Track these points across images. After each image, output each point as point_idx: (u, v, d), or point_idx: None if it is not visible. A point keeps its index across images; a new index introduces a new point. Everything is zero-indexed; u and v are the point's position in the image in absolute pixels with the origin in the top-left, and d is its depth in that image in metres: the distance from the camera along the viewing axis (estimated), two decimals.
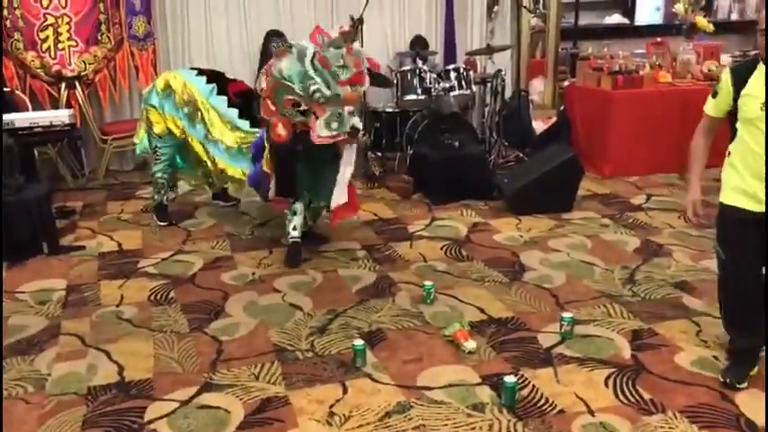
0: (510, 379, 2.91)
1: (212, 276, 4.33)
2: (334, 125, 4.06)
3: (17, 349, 3.46)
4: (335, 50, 4.02)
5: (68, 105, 6.23)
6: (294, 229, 4.50)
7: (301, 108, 4.08)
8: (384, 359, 3.27)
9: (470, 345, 3.32)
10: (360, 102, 4.17)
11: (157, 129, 5.00)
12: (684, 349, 3.29)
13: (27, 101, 6.05)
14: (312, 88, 3.97)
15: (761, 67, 2.77)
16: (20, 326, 3.70)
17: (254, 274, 4.35)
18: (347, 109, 4.08)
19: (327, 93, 3.97)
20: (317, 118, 4.06)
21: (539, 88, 8.08)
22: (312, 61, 3.99)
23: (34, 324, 3.72)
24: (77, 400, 3.01)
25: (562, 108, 7.11)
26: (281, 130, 4.16)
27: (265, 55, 6.67)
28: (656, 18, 10.01)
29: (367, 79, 4.25)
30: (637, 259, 4.43)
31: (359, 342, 3.25)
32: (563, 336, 3.42)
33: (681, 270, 4.24)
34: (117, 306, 3.93)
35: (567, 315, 3.45)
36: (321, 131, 4.06)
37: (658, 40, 6.91)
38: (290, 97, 4.07)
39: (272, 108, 4.15)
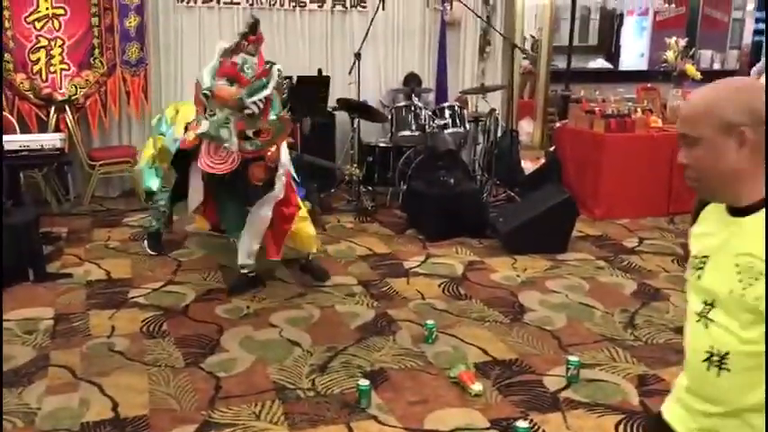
0: (522, 424, 2.85)
1: (206, 309, 4.22)
2: (204, 123, 3.86)
3: (4, 381, 3.30)
4: (231, 47, 3.91)
5: (57, 129, 6.11)
6: (243, 267, 4.44)
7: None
8: (389, 400, 3.18)
9: (477, 387, 3.25)
10: (239, 112, 3.84)
11: None
12: None
13: (15, 123, 5.93)
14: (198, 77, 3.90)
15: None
16: (6, 356, 3.54)
17: (248, 307, 4.25)
18: (224, 115, 3.84)
19: (207, 82, 3.84)
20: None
21: (527, 129, 8.17)
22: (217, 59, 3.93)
23: (21, 354, 3.58)
24: None
25: (552, 149, 7.16)
26: (190, 135, 4.05)
27: None
28: (641, 64, 10.24)
29: (262, 85, 3.91)
30: (635, 303, 4.41)
31: (364, 382, 3.16)
32: (569, 380, 3.37)
33: (679, 315, 4.22)
34: (108, 337, 3.80)
35: (573, 359, 3.41)
36: (200, 128, 3.89)
37: (648, 85, 7.01)
38: (198, 95, 3.96)
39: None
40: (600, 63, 10.78)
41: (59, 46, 6.11)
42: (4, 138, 5.36)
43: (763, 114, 1.40)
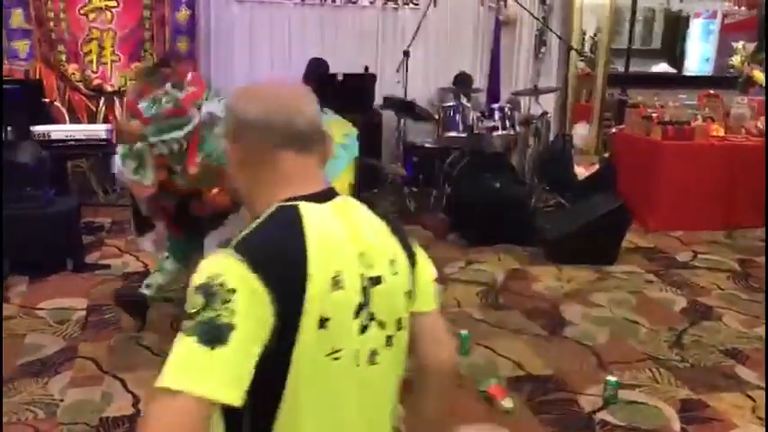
0: None
1: None
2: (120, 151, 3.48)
3: (31, 371, 3.32)
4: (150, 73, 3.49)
5: (106, 120, 6.17)
6: (148, 286, 3.69)
7: None
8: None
9: (507, 403, 3.10)
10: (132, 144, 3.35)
11: None
12: (740, 426, 3.04)
13: (65, 113, 6.01)
14: None
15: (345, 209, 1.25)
16: (36, 345, 3.57)
17: None
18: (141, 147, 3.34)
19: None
20: None
21: (582, 133, 7.89)
22: None
23: (51, 344, 3.59)
24: (88, 430, 2.85)
25: (606, 155, 6.91)
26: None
27: (308, 82, 6.60)
28: (706, 69, 9.80)
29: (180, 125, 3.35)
30: (684, 321, 4.17)
31: None
32: (606, 400, 3.18)
33: (732, 336, 3.98)
34: (137, 331, 3.77)
35: (611, 378, 3.22)
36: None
37: (711, 92, 6.69)
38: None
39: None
40: (663, 67, 10.36)
41: (111, 37, 6.17)
42: (52, 128, 5.45)
43: (242, 126, 1.20)
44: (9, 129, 5.08)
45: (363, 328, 1.17)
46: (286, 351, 1.07)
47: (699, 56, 10.19)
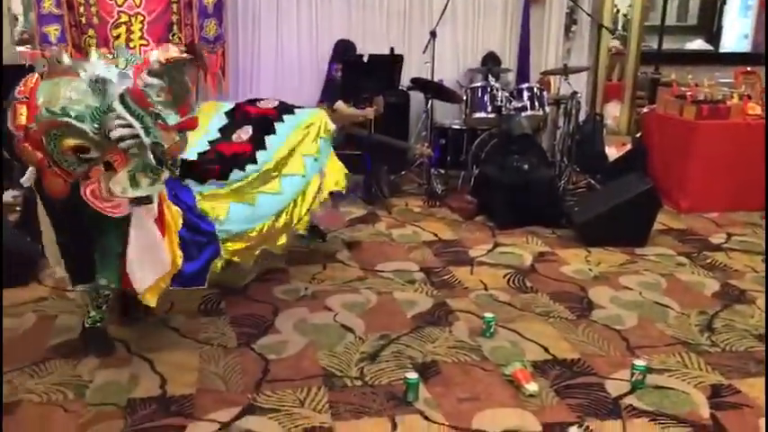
0: (575, 430, 2.67)
1: (264, 289, 4.19)
2: (146, 182, 2.84)
3: (61, 352, 3.37)
4: (157, 81, 2.83)
5: None
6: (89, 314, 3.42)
7: (90, 155, 2.81)
8: (438, 395, 3.05)
9: (532, 387, 3.07)
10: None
11: None
12: None
13: None
14: (119, 133, 2.72)
15: None
16: (66, 327, 3.63)
17: (306, 289, 4.19)
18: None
19: (147, 140, 2.77)
20: (110, 169, 2.84)
21: (614, 113, 7.77)
22: (123, 97, 2.73)
23: (81, 326, 3.63)
24: (116, 412, 2.89)
25: (638, 135, 6.78)
26: (57, 185, 2.87)
27: (334, 63, 6.57)
28: (744, 46, 9.55)
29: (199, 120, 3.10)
30: (716, 304, 4.09)
31: (412, 375, 3.04)
32: (634, 385, 3.14)
33: (765, 320, 3.89)
34: (165, 313, 3.81)
35: (639, 363, 3.17)
36: (119, 188, 2.80)
37: (748, 69, 6.51)
38: (76, 143, 2.77)
39: (39, 155, 2.82)
40: (698, 44, 10.12)
41: (140, 22, 6.19)
42: None
43: None
44: None
45: None
46: None
47: (737, 32, 9.93)
